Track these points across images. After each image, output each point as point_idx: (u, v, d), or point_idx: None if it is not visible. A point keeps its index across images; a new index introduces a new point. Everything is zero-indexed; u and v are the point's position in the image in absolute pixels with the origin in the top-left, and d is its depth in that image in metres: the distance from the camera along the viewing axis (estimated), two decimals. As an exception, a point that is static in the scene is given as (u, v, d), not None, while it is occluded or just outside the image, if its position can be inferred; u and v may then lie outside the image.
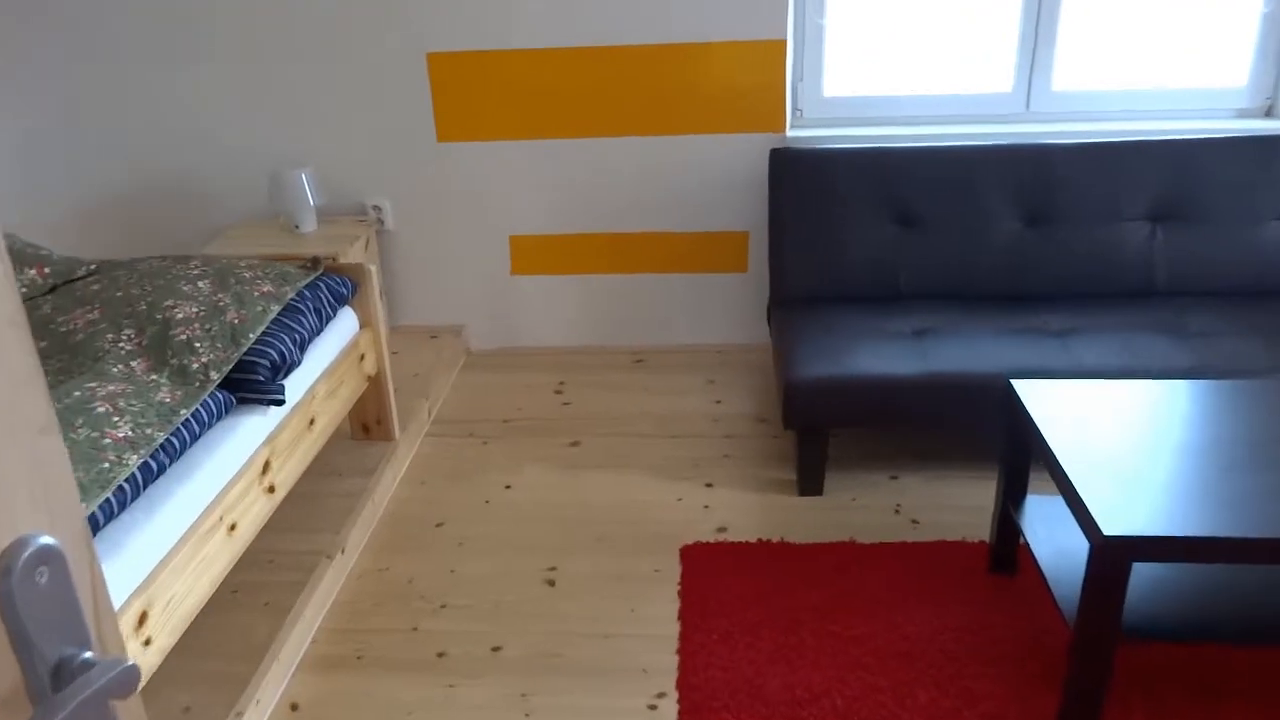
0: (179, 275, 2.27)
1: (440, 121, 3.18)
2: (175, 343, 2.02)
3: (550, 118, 3.15)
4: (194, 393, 1.91)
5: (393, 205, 3.31)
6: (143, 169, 3.30)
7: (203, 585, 1.77)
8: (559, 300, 3.41)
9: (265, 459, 2.04)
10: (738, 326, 3.41)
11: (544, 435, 2.92)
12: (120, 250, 3.41)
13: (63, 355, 2.03)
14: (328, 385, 2.36)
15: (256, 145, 3.25)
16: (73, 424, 1.70)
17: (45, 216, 3.37)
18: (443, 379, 3.18)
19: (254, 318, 2.14)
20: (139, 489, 1.69)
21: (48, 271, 2.33)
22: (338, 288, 2.47)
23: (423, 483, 2.70)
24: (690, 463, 2.75)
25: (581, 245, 3.32)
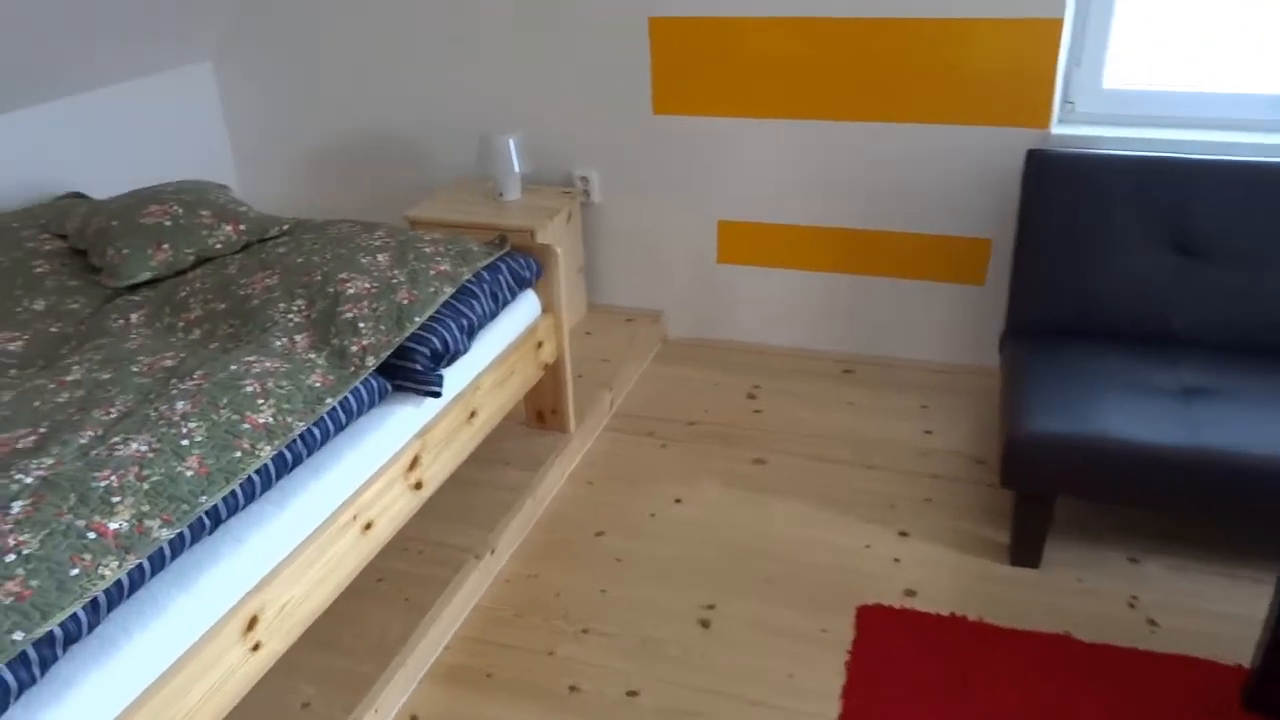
0: (361, 246, 2.19)
1: (658, 92, 2.96)
2: (340, 320, 1.92)
3: (777, 95, 2.84)
4: (346, 379, 1.81)
5: (600, 178, 3.13)
6: (368, 124, 3.30)
7: (326, 588, 1.67)
8: (766, 294, 3.12)
9: (415, 453, 1.92)
10: (966, 346, 3.00)
11: (728, 445, 2.67)
12: (339, 200, 3.45)
13: (236, 320, 1.99)
14: (496, 375, 2.22)
15: (473, 108, 3.16)
16: (218, 403, 1.62)
17: (278, 160, 3.46)
18: (632, 368, 2.99)
19: (424, 300, 2.01)
20: (270, 480, 1.60)
21: (243, 229, 2.31)
22: (520, 270, 2.31)
23: (590, 483, 2.53)
24: (886, 502, 2.42)
25: (797, 237, 3.01)
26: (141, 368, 1.79)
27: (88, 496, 1.38)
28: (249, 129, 3.45)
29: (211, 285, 2.10)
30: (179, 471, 1.47)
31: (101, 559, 1.31)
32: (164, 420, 1.56)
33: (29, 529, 1.31)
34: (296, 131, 3.39)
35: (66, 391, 1.70)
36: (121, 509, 1.38)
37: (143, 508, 1.40)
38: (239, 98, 3.41)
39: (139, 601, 1.37)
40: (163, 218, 2.25)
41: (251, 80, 3.37)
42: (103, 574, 1.30)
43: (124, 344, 1.91)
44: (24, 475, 1.41)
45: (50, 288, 2.17)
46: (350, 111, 3.30)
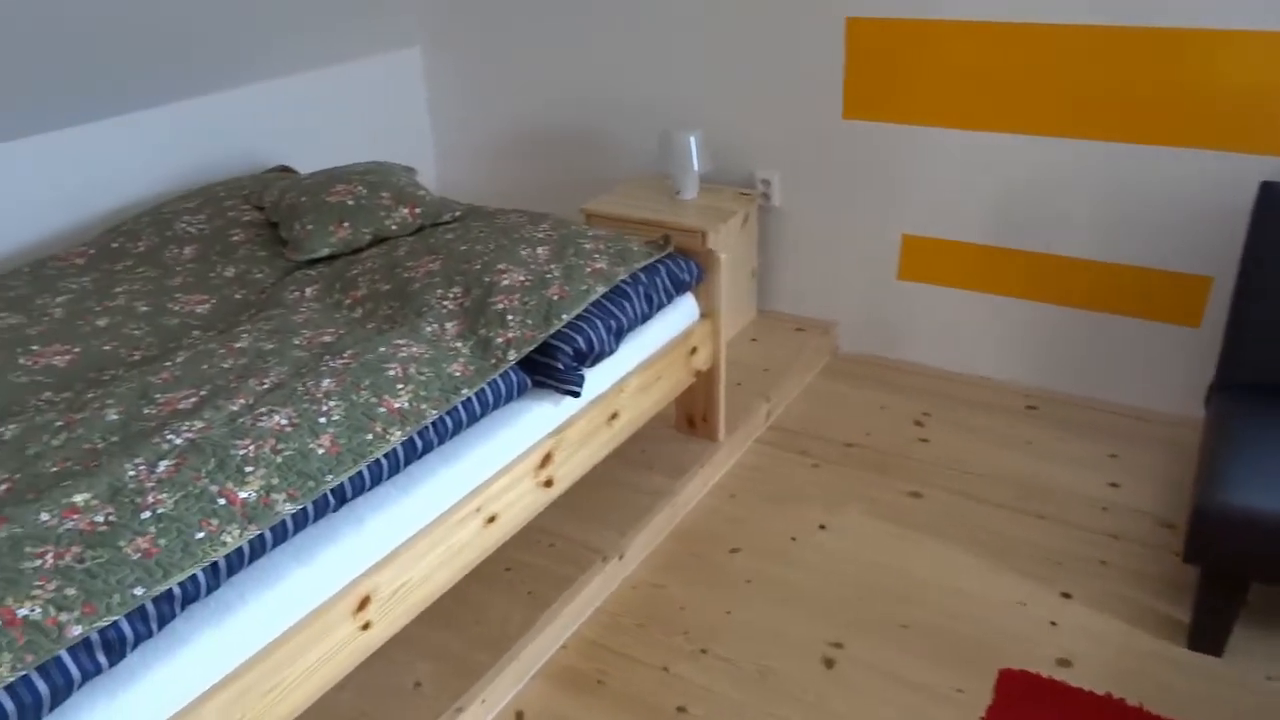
0: (524, 237, 2.21)
1: (850, 95, 2.83)
2: (491, 311, 1.95)
3: (979, 105, 2.65)
4: (485, 370, 1.82)
5: (782, 181, 3.03)
6: (559, 114, 3.35)
7: (443, 575, 1.70)
8: (948, 316, 2.93)
9: (548, 451, 1.91)
10: (1170, 393, 2.70)
11: (885, 473, 2.53)
12: (525, 188, 3.52)
13: (396, 302, 2.05)
14: (643, 378, 2.18)
15: (659, 102, 3.14)
16: (360, 384, 1.68)
17: (473, 145, 3.58)
18: (794, 380, 2.89)
19: (574, 297, 2.00)
20: (398, 465, 1.63)
21: (419, 212, 2.39)
22: (679, 273, 2.27)
23: (733, 496, 2.45)
24: (1051, 557, 2.21)
25: (987, 258, 2.81)
26: (302, 341, 1.88)
27: (225, 463, 1.45)
28: (450, 114, 3.58)
29: (380, 266, 2.18)
30: (311, 448, 1.52)
31: (226, 526, 1.38)
32: (308, 396, 1.63)
33: (168, 489, 1.39)
34: (493, 119, 3.49)
35: (232, 358, 1.81)
36: (253, 479, 1.44)
37: (272, 480, 1.46)
38: (443, 83, 3.54)
39: (258, 569, 1.43)
40: (346, 197, 2.36)
41: (456, 66, 3.49)
42: (225, 540, 1.36)
43: (293, 316, 2.01)
44: (175, 436, 1.50)
45: (242, 256, 2.32)
46: (544, 101, 3.36)
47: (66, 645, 1.17)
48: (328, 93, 3.23)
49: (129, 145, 2.68)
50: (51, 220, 2.55)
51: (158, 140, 2.74)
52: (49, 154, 2.50)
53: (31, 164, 2.47)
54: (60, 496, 1.35)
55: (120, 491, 1.37)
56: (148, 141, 2.72)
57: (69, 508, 1.33)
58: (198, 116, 2.84)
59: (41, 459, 1.48)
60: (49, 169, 2.51)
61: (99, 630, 1.21)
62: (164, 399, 1.66)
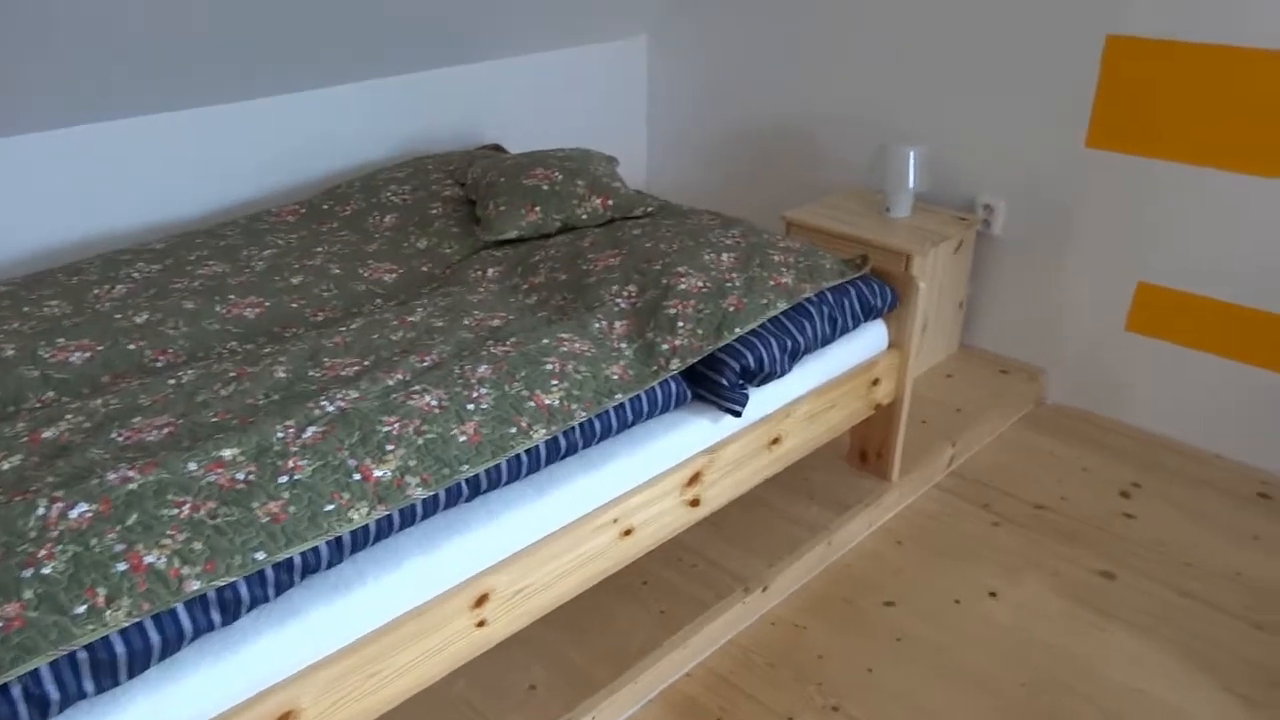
0: (710, 241, 2.12)
1: (1097, 122, 2.54)
2: (662, 315, 1.87)
3: (1253, 145, 2.31)
4: (645, 377, 1.75)
5: (1007, 208, 2.78)
6: (775, 116, 3.22)
7: (568, 583, 1.64)
8: (1179, 378, 2.59)
9: (698, 469, 1.82)
10: None
11: (1075, 545, 2.26)
12: (730, 188, 3.43)
13: (570, 293, 2.01)
14: (815, 405, 2.05)
15: (879, 112, 2.95)
16: (515, 374, 1.65)
17: (685, 139, 3.52)
18: (988, 426, 2.65)
19: (750, 310, 1.89)
20: (538, 463, 1.59)
21: (611, 204, 2.35)
22: (871, 298, 2.11)
23: (899, 543, 2.27)
24: (1266, 676, 1.90)
25: (1237, 320, 2.45)
26: (471, 322, 1.88)
27: (369, 438, 1.46)
28: (667, 107, 3.53)
29: (563, 254, 2.15)
30: (453, 435, 1.50)
31: (356, 502, 1.38)
32: (462, 379, 1.61)
33: (309, 456, 1.40)
34: (708, 115, 3.41)
35: (402, 331, 1.83)
36: (390, 459, 1.44)
37: (410, 462, 1.45)
38: (665, 75, 3.50)
39: (381, 550, 1.42)
40: (542, 181, 2.35)
41: (679, 59, 3.43)
42: (352, 517, 1.36)
43: (469, 296, 2.02)
44: (329, 403, 1.52)
45: (436, 229, 2.36)
46: (761, 101, 3.24)
47: (183, 599, 1.19)
48: (551, 76, 3.26)
49: (358, 111, 2.80)
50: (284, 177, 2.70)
51: (386, 109, 2.85)
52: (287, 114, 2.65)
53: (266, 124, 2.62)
54: (211, 449, 1.39)
55: (266, 452, 1.40)
56: (377, 109, 2.83)
57: (215, 461, 1.37)
58: (425, 89, 2.93)
59: (207, 408, 1.54)
60: (283, 130, 2.66)
61: (216, 589, 1.23)
62: (330, 363, 1.70)
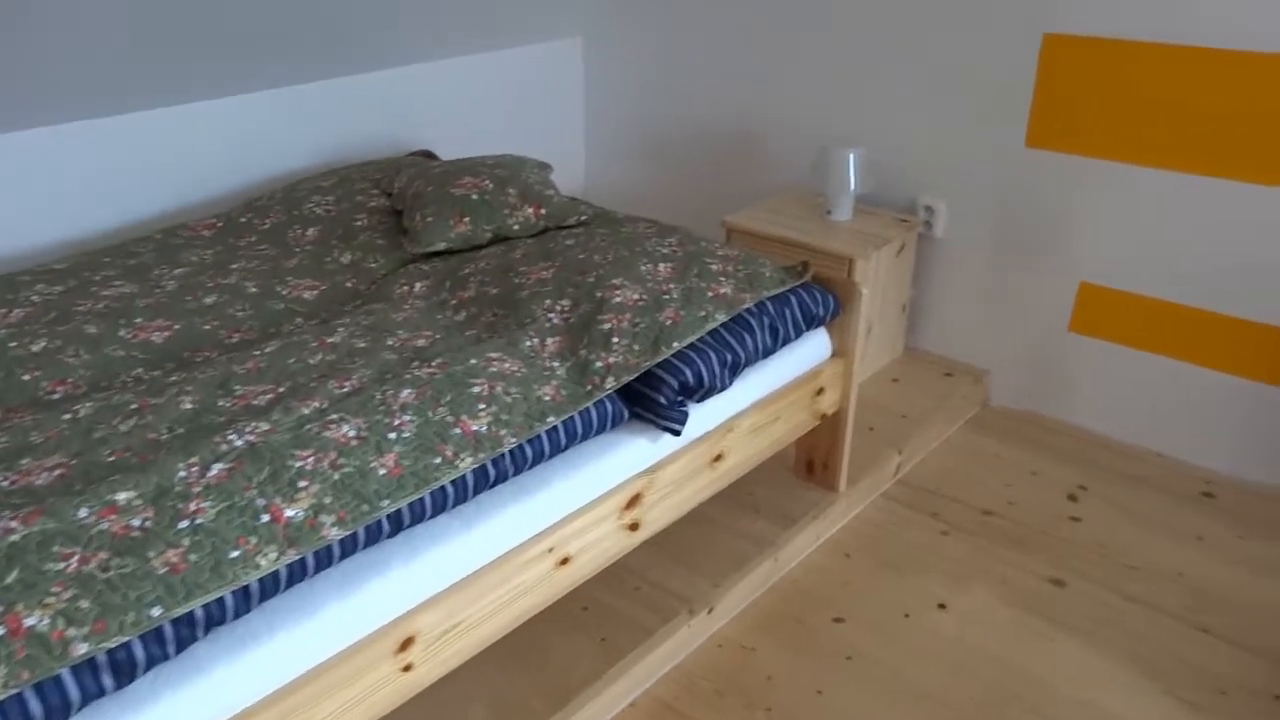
0: (647, 251, 2.05)
1: (1036, 122, 2.52)
2: (596, 330, 1.79)
3: (1191, 143, 2.30)
4: (578, 397, 1.67)
5: (948, 210, 2.75)
6: (714, 118, 3.16)
7: (503, 618, 1.56)
8: (1122, 378, 2.58)
9: (637, 491, 1.75)
10: (1388, 502, 2.28)
11: (1024, 552, 2.23)
12: (671, 192, 3.36)
13: (501, 309, 1.93)
14: (758, 418, 1.99)
15: (819, 114, 2.91)
16: (440, 399, 1.56)
17: (624, 143, 3.44)
18: (935, 431, 2.61)
19: (688, 323, 1.83)
20: (466, 493, 1.50)
21: (543, 213, 2.26)
22: (813, 306, 2.05)
23: (847, 556, 2.22)
24: (1215, 684, 1.88)
25: (1178, 319, 2.45)
26: (395, 342, 1.78)
27: (279, 475, 1.36)
28: (604, 109, 3.45)
29: (494, 267, 2.07)
30: (372, 467, 1.41)
31: (265, 546, 1.28)
32: (383, 406, 1.52)
33: (213, 496, 1.30)
34: (647, 117, 3.34)
35: (321, 354, 1.73)
36: (303, 496, 1.34)
37: (325, 499, 1.35)
38: (601, 77, 3.42)
39: (294, 597, 1.33)
40: (471, 190, 2.26)
41: (615, 60, 3.35)
42: (259, 563, 1.26)
43: (394, 313, 1.92)
44: (238, 437, 1.42)
45: (361, 243, 2.26)
46: (700, 103, 3.18)
47: (69, 664, 1.09)
48: (484, 78, 3.16)
49: (280, 118, 2.67)
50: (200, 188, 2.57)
51: (310, 115, 2.73)
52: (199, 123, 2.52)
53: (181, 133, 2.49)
54: (105, 492, 1.28)
55: (165, 494, 1.29)
56: (300, 116, 2.71)
57: (109, 505, 1.26)
58: (351, 94, 2.82)
59: (104, 445, 1.43)
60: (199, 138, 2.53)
61: (107, 651, 1.13)
62: (241, 391, 1.59)
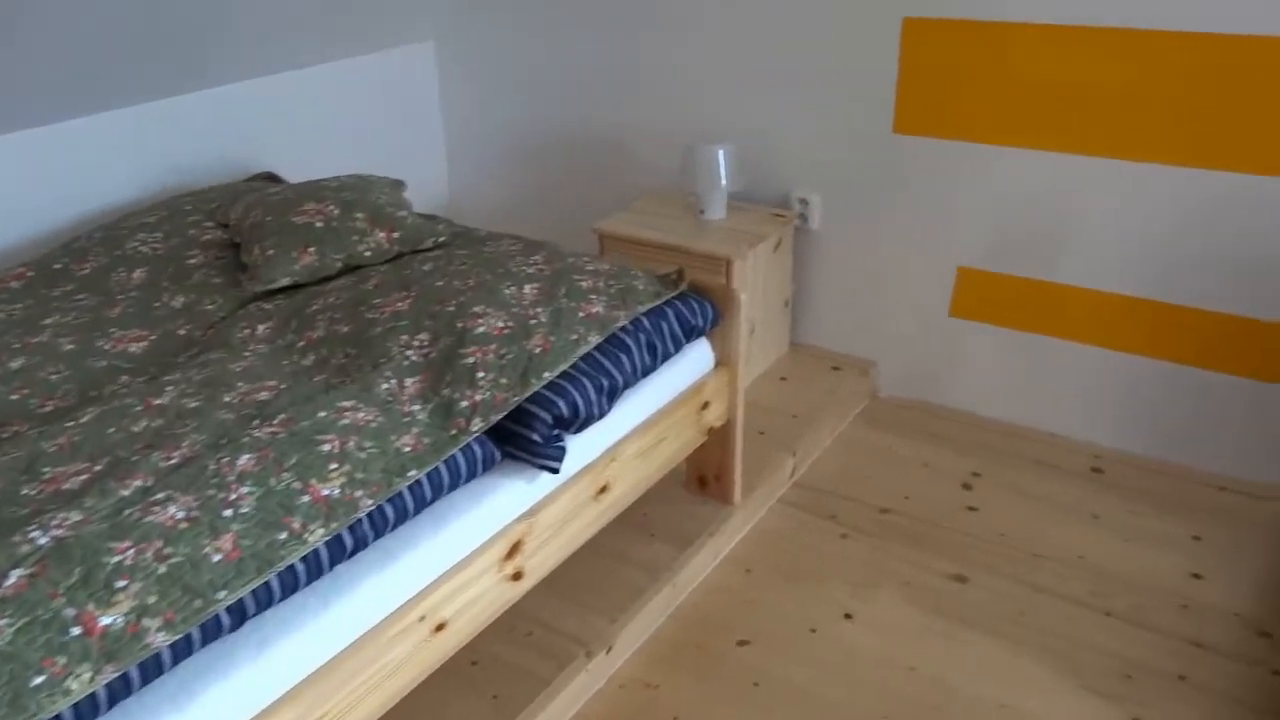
0: (511, 272, 1.91)
1: (902, 108, 2.47)
2: (459, 366, 1.65)
3: (1054, 123, 2.28)
4: (443, 444, 1.52)
5: (823, 202, 2.69)
6: (579, 121, 3.02)
7: (377, 699, 1.41)
8: (1006, 361, 2.57)
9: (517, 539, 1.61)
10: (1261, 460, 2.32)
11: (924, 549, 2.19)
12: (540, 199, 3.21)
13: (353, 349, 1.76)
14: (643, 442, 1.87)
15: (686, 110, 2.81)
16: (284, 462, 1.39)
17: (488, 150, 3.28)
18: (827, 427, 2.55)
19: (560, 350, 1.70)
20: (320, 568, 1.34)
21: (396, 237, 2.09)
22: (691, 317, 1.95)
23: (748, 571, 2.14)
24: (1120, 669, 1.86)
25: (1055, 298, 2.44)
26: (234, 398, 1.60)
27: (93, 575, 1.18)
28: (464, 117, 3.28)
29: (345, 301, 1.89)
30: (205, 554, 1.24)
31: (77, 666, 1.10)
32: (217, 478, 1.34)
33: (11, 612, 1.11)
34: (510, 122, 3.18)
35: (147, 418, 1.53)
36: (123, 599, 1.16)
37: (148, 599, 1.18)
38: (458, 83, 3.24)
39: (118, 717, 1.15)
40: (315, 218, 2.07)
41: (472, 65, 3.18)
42: (69, 687, 1.08)
43: (232, 363, 1.73)
44: (42, 533, 1.23)
45: (195, 283, 2.05)
46: (563, 105, 3.04)
47: None
48: (330, 91, 2.96)
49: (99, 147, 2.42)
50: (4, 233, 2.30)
51: (132, 142, 2.48)
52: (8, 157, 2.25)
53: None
54: (-128, 623, 1.08)
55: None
56: (121, 143, 2.46)
57: (-124, 641, 1.06)
58: (180, 115, 2.58)
59: (-124, 560, 1.22)
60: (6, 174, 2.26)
61: None
62: (51, 474, 1.39)
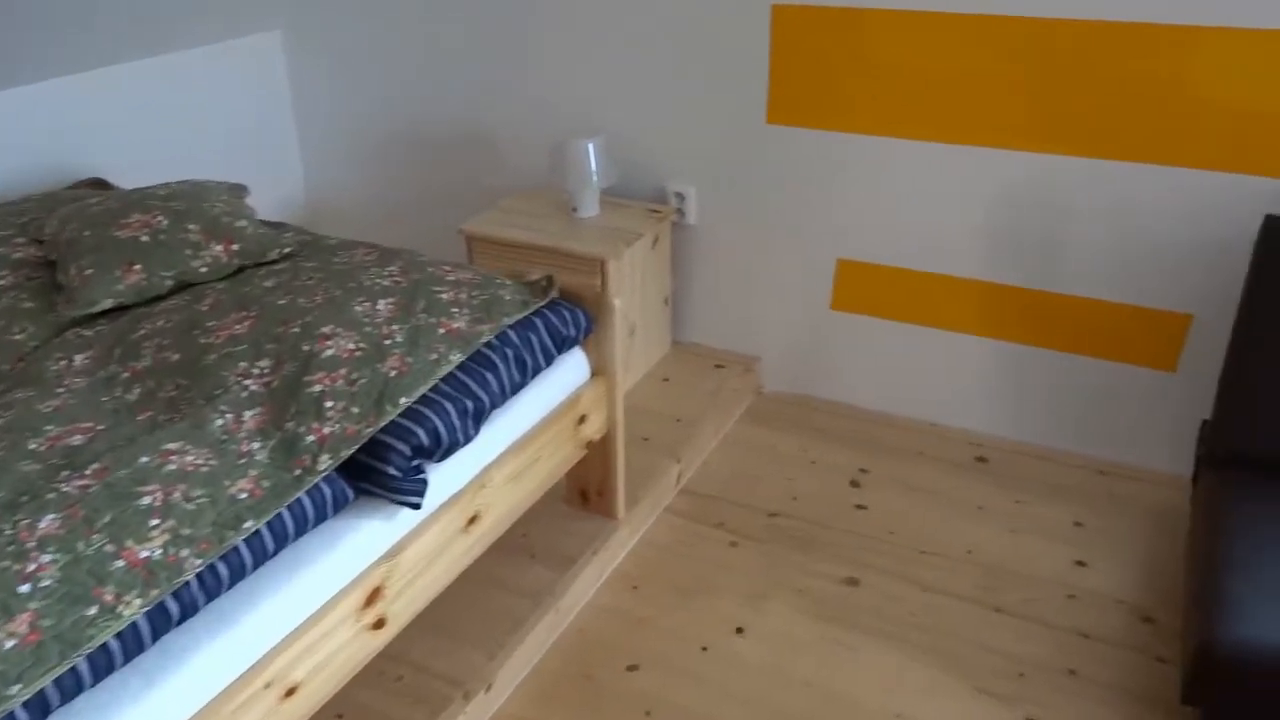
0: (363, 286, 1.75)
1: (775, 97, 2.40)
2: (305, 395, 1.49)
3: (928, 111, 2.24)
4: (285, 488, 1.37)
5: (698, 195, 2.60)
6: (443, 114, 2.85)
7: (214, 784, 1.25)
8: (888, 352, 2.54)
9: (376, 585, 1.47)
10: (1142, 444, 2.35)
11: (814, 553, 2.13)
12: (402, 199, 3.03)
13: (184, 379, 1.57)
14: (515, 465, 1.75)
15: (555, 103, 2.67)
16: (94, 522, 1.21)
17: (345, 146, 3.07)
18: (711, 428, 2.48)
19: (418, 371, 1.55)
20: (141, 643, 1.18)
21: (235, 249, 1.91)
22: (562, 327, 1.82)
23: (635, 588, 2.04)
24: (1012, 666, 1.84)
25: (936, 289, 2.41)
26: (41, 444, 1.40)
27: None
28: (319, 112, 3.06)
29: (176, 325, 1.70)
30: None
31: None
32: (14, 546, 1.16)
33: None
34: (368, 117, 2.98)
35: (-68, 477, 1.33)
36: (-115, 706, 0.98)
37: (-81, 703, 1.00)
38: (311, 76, 3.02)
39: None
40: (141, 231, 1.87)
41: (326, 56, 2.97)
42: None
43: (42, 402, 1.53)
44: None
45: (3, 308, 1.82)
46: (426, 100, 2.86)
47: None
48: (167, 85, 2.71)
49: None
50: None
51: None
52: None
53: None
54: None
55: None
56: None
57: None
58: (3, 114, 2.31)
59: None
60: None
61: None
62: None
